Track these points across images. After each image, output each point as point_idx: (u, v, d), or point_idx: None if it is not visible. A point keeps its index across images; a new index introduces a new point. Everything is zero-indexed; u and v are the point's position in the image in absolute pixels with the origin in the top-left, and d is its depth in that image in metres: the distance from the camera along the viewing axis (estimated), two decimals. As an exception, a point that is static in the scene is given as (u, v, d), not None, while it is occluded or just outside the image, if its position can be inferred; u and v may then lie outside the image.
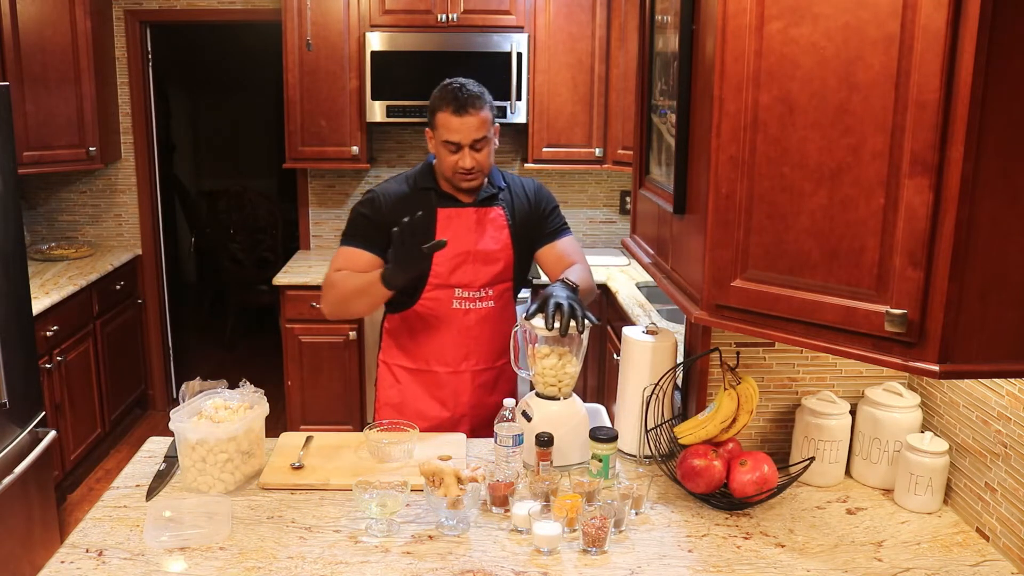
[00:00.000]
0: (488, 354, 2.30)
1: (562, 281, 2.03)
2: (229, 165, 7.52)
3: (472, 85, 2.17)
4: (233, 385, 2.02)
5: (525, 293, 3.80)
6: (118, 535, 1.68)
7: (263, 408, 1.93)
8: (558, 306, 1.90)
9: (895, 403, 1.88)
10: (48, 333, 3.54)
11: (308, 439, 2.07)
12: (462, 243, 2.22)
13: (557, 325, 1.89)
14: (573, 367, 1.99)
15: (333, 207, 4.64)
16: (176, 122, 7.19)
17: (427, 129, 2.24)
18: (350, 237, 2.25)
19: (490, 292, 2.26)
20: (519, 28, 4.07)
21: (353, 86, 4.10)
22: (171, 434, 1.94)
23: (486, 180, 2.26)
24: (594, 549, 1.62)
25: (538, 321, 1.93)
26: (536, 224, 2.33)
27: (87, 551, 1.63)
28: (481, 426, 2.29)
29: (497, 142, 2.25)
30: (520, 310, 2.16)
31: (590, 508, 1.67)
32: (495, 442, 1.90)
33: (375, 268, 2.15)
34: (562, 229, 2.36)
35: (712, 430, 1.83)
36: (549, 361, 1.97)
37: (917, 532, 1.73)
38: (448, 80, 2.19)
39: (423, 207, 2.13)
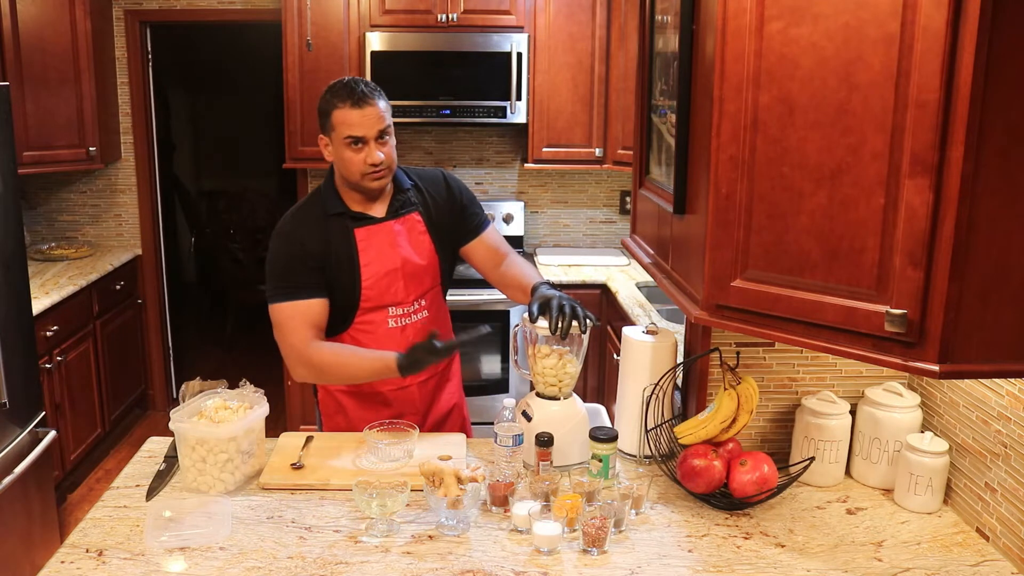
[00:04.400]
0: None
1: (546, 284, 2.06)
2: (229, 165, 7.52)
3: (363, 81, 2.07)
4: (233, 385, 2.02)
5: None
6: (118, 535, 1.68)
7: (263, 408, 1.93)
8: (560, 308, 1.91)
9: (895, 403, 1.88)
10: (48, 333, 3.54)
11: (308, 439, 2.07)
12: (387, 262, 2.10)
13: (560, 327, 1.89)
14: (573, 367, 1.99)
15: (333, 207, 4.63)
16: (176, 122, 7.19)
17: (321, 136, 2.10)
18: (293, 290, 2.04)
19: (423, 303, 2.18)
20: (519, 28, 4.07)
21: (353, 86, 4.09)
22: (171, 434, 1.94)
23: (392, 186, 2.14)
24: (594, 549, 1.62)
25: (541, 322, 1.93)
26: (457, 218, 2.22)
27: (87, 551, 1.63)
28: (436, 425, 2.26)
29: (394, 141, 2.10)
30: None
31: (590, 508, 1.67)
32: (495, 442, 1.90)
33: (325, 311, 2.07)
34: (484, 221, 2.26)
35: (712, 430, 1.83)
36: (549, 361, 1.97)
37: (917, 532, 1.73)
38: (334, 81, 2.09)
39: (338, 234, 2.06)
